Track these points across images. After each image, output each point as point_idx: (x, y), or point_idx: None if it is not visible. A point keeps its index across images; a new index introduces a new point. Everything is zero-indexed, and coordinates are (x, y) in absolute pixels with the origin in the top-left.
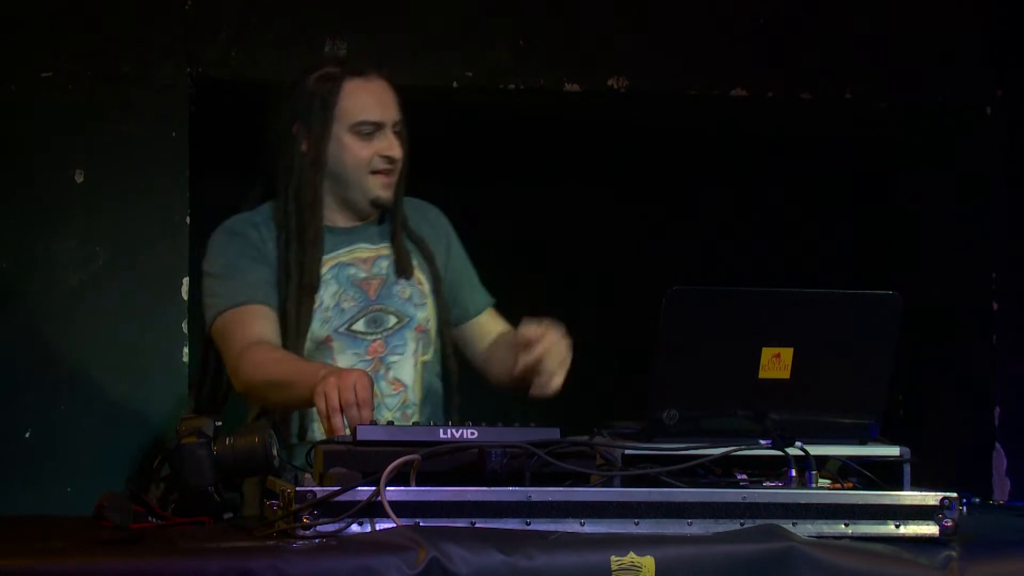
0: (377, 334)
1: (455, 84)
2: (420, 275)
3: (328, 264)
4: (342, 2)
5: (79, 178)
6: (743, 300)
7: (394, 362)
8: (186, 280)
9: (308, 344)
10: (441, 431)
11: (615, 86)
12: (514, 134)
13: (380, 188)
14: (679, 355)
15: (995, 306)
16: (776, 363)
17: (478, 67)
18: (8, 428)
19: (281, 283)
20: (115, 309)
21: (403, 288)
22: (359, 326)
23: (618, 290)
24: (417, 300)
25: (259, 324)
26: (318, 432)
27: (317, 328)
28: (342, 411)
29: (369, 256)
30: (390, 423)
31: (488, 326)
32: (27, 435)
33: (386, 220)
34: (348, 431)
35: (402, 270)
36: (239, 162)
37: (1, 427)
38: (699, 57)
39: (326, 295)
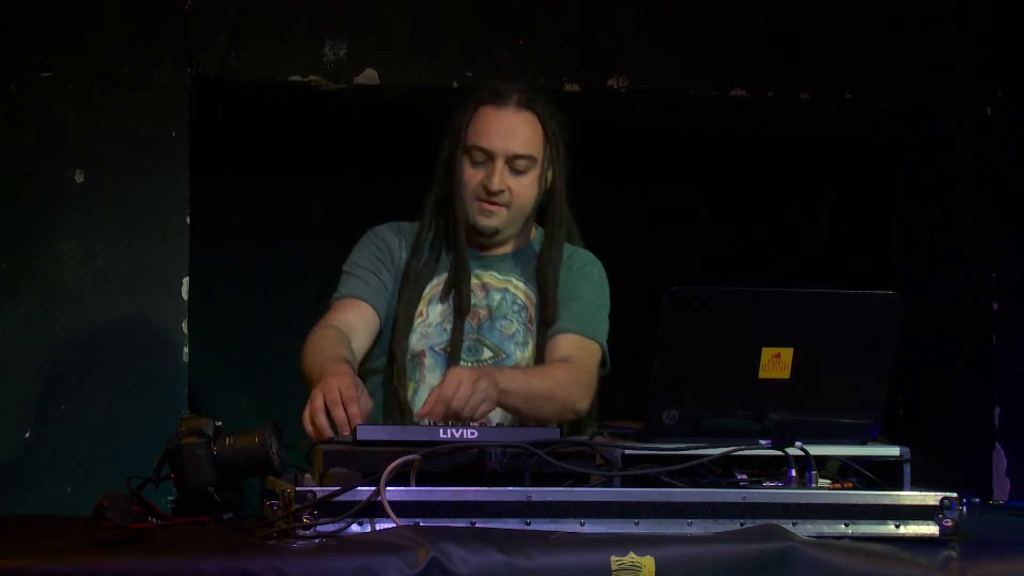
0: (469, 362)
1: (455, 84)
2: (533, 314)
3: (448, 283)
4: (342, 2)
5: (79, 178)
6: (743, 300)
7: None
8: (186, 280)
9: (408, 356)
10: (441, 431)
11: (615, 86)
12: None
13: (479, 214)
14: (679, 355)
15: (995, 306)
16: (776, 363)
17: (478, 67)
18: (8, 428)
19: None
20: (115, 309)
21: (509, 324)
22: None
23: (617, 290)
24: (520, 339)
25: (343, 313)
26: None
27: (415, 341)
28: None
29: (487, 283)
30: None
31: (553, 351)
32: (27, 435)
33: (522, 255)
34: (334, 433)
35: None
36: (239, 162)
37: (1, 427)
38: (699, 57)
39: (433, 312)
